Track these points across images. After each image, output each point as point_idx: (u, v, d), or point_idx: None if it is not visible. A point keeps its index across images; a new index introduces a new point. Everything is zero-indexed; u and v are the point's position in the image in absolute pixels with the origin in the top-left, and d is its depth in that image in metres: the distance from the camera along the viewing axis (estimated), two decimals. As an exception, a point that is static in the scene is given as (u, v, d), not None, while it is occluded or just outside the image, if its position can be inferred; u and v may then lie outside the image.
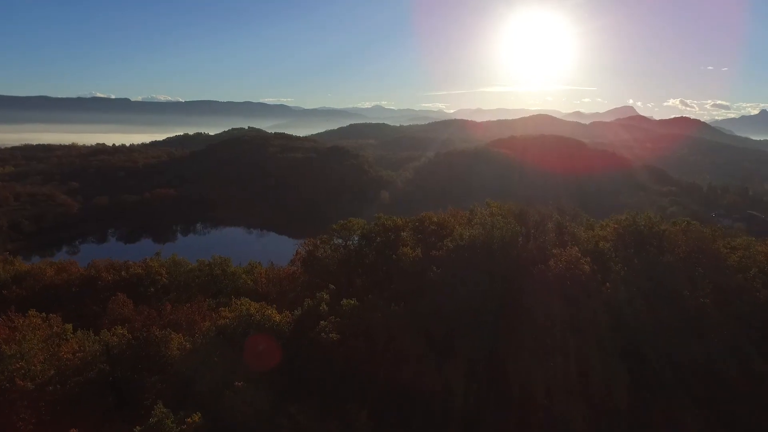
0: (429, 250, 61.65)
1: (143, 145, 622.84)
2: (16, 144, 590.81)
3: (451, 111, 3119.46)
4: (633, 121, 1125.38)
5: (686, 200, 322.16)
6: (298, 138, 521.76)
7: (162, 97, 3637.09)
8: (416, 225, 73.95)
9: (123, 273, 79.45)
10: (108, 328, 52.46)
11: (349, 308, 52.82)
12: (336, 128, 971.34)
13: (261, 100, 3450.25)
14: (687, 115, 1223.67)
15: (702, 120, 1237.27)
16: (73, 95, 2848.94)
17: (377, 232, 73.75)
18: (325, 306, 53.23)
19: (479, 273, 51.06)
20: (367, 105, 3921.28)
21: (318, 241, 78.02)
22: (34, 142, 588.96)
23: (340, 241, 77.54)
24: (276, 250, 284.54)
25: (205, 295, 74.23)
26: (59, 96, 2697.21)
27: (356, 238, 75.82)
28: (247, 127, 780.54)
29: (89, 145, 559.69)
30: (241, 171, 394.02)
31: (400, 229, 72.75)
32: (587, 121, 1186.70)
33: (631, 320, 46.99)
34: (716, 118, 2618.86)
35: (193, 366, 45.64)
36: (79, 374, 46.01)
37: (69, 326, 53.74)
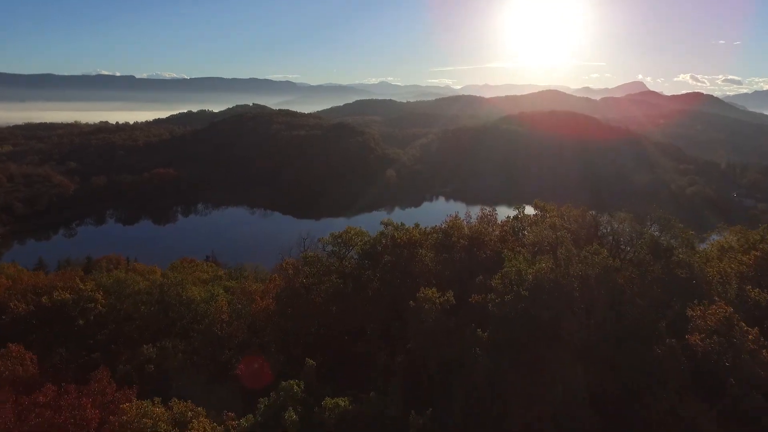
0: (464, 290, 43.66)
1: (146, 122, 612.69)
2: (19, 122, 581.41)
3: (458, 87, 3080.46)
4: (644, 97, 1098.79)
5: (704, 179, 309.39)
6: (302, 115, 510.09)
7: (167, 74, 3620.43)
8: (440, 239, 55.66)
9: (44, 299, 58.15)
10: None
11: (336, 417, 33.64)
12: (342, 105, 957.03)
13: (267, 77, 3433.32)
14: (698, 91, 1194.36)
15: (714, 95, 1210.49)
16: (78, 73, 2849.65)
17: (384, 248, 55.48)
18: (292, 415, 34.06)
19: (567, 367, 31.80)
20: (374, 81, 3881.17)
21: (301, 263, 59.02)
22: (38, 121, 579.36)
23: (332, 260, 58.78)
24: (279, 231, 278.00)
25: (155, 327, 57.76)
26: (64, 74, 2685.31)
27: (356, 255, 58.94)
28: (251, 104, 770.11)
29: (92, 123, 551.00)
30: (243, 149, 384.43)
31: (416, 245, 54.21)
32: (597, 97, 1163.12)
33: None
34: (728, 93, 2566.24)
35: None
36: None
37: None
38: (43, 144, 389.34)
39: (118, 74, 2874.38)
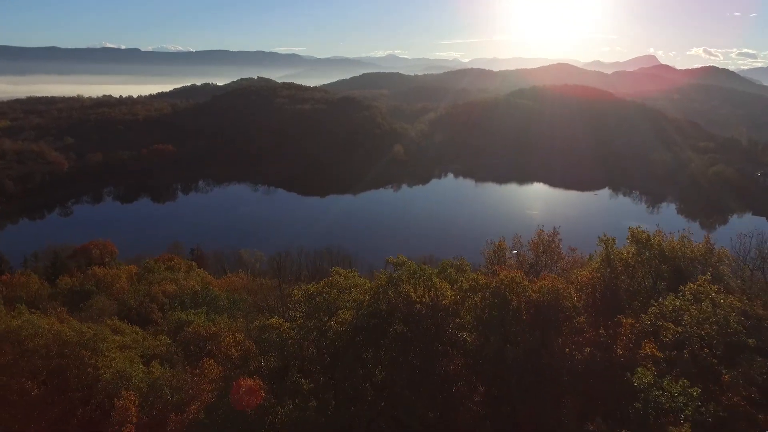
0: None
1: (149, 96, 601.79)
2: (22, 96, 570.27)
3: (467, 60, 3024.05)
4: (657, 71, 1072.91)
5: (725, 158, 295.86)
6: (307, 88, 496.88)
7: (173, 47, 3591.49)
8: (493, 302, 32.10)
9: None
10: None
11: None
12: (348, 78, 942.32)
13: (273, 50, 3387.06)
14: (711, 65, 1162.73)
15: (729, 69, 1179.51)
16: (83, 46, 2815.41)
17: (392, 311, 33.12)
18: None
19: None
20: (381, 54, 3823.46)
21: (255, 349, 35.28)
22: (41, 94, 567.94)
23: (309, 338, 33.91)
24: (283, 208, 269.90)
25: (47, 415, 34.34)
26: (68, 47, 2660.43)
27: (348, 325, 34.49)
28: (256, 77, 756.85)
29: (95, 97, 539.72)
30: (246, 124, 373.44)
31: (449, 313, 33.25)
32: (608, 71, 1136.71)
33: None
34: (742, 67, 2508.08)
35: None
36: None
37: None
38: (41, 119, 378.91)
39: (123, 47, 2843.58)
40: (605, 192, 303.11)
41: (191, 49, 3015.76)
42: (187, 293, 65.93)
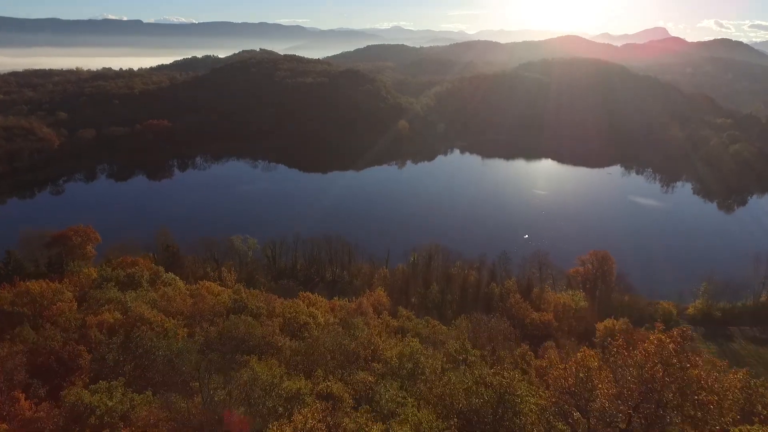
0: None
1: (149, 69, 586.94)
2: (20, 69, 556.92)
3: (473, 32, 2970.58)
4: (668, 44, 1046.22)
5: (745, 135, 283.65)
6: (310, 61, 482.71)
7: (175, 19, 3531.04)
8: None
9: None
10: None
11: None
12: (352, 50, 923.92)
13: (277, 21, 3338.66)
14: (723, 37, 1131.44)
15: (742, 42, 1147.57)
16: (84, 17, 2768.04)
17: None
18: None
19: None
20: (386, 25, 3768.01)
21: None
22: (39, 67, 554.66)
23: None
24: (283, 186, 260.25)
25: None
26: (69, 18, 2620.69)
27: None
28: (258, 50, 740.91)
29: (95, 69, 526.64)
30: (245, 98, 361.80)
31: None
32: (618, 44, 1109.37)
33: None
34: (755, 39, 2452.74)
35: None
36: None
37: None
38: (35, 93, 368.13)
39: (125, 18, 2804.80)
40: (616, 169, 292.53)
41: (194, 21, 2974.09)
42: (123, 329, 54.24)
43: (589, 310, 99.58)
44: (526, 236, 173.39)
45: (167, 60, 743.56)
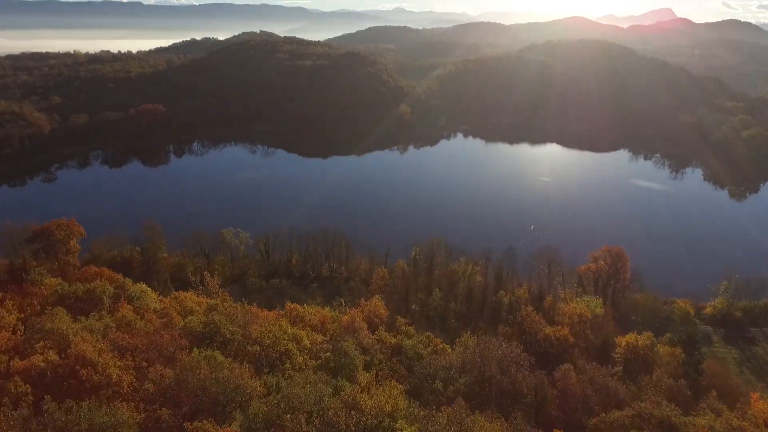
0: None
1: (147, 52, 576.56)
2: (17, 52, 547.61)
3: (476, 14, 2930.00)
4: (675, 24, 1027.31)
5: (757, 119, 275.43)
6: (310, 43, 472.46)
7: (176, 0, 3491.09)
8: None
9: None
10: None
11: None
12: (354, 32, 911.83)
13: (278, 2, 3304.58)
14: (731, 18, 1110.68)
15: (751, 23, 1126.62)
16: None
17: None
18: None
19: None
20: (388, 7, 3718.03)
21: None
22: (36, 50, 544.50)
23: None
24: (280, 172, 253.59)
25: None
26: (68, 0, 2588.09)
27: None
28: (258, 31, 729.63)
29: (92, 52, 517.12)
30: (244, 81, 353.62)
31: None
32: (624, 25, 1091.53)
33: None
34: (762, 20, 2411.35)
35: None
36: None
37: None
38: (29, 76, 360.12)
39: (124, 0, 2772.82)
40: (624, 154, 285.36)
41: (194, 2, 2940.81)
42: (49, 380, 44.34)
43: (606, 317, 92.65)
44: (532, 227, 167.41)
45: (166, 42, 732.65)
